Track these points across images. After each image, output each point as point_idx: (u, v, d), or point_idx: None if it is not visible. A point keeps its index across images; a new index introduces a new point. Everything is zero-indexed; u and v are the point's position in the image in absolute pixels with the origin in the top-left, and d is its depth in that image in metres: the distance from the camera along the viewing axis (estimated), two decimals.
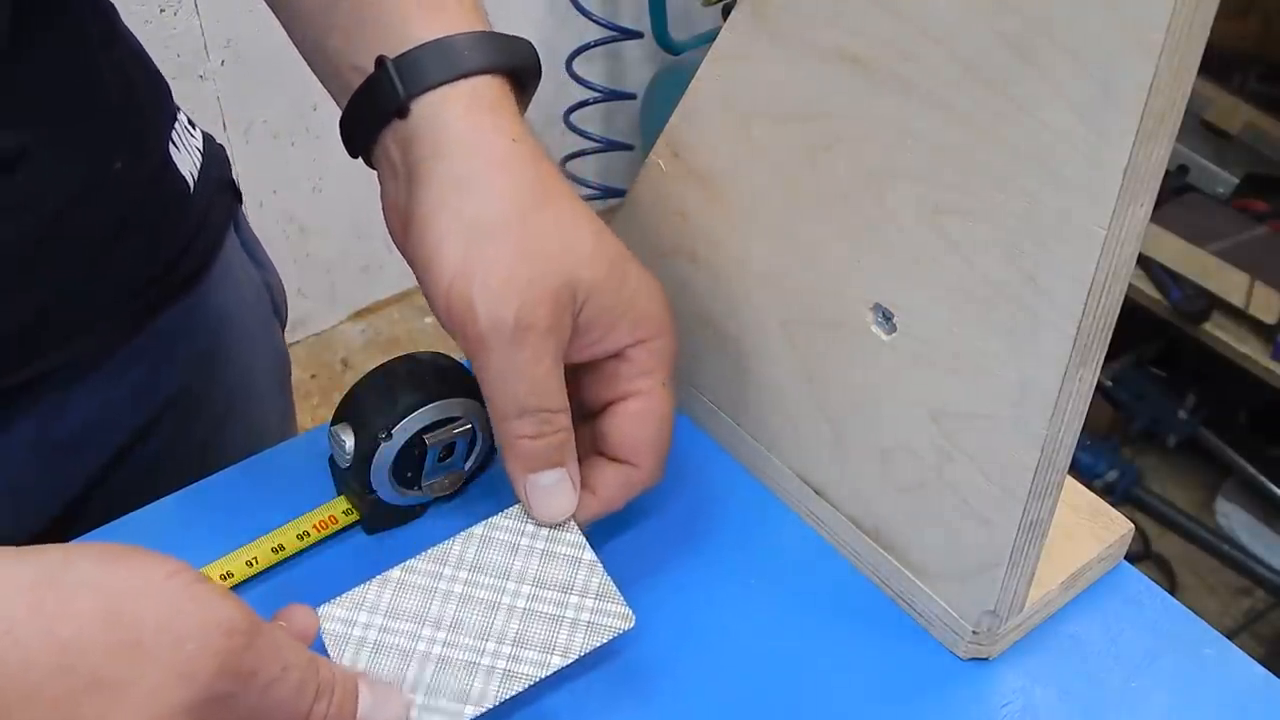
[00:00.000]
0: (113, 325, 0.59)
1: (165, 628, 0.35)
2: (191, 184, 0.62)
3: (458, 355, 0.50)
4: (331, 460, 0.52)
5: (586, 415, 0.50)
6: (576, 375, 0.48)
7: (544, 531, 0.47)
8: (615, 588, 0.46)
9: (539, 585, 0.46)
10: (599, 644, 0.45)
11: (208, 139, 0.65)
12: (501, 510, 0.48)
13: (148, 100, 0.61)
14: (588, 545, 0.47)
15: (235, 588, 0.49)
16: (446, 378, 0.50)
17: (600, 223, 0.47)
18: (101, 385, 0.60)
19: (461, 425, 0.51)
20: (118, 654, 0.34)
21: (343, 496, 0.52)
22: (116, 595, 0.35)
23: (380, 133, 0.47)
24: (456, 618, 0.45)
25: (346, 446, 0.49)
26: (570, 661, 0.44)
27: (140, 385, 0.62)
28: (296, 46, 0.51)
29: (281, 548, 0.50)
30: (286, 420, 0.76)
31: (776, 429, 0.54)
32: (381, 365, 0.51)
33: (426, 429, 0.50)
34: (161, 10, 1.49)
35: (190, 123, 0.64)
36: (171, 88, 0.64)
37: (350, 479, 0.51)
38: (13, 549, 0.35)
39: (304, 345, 1.87)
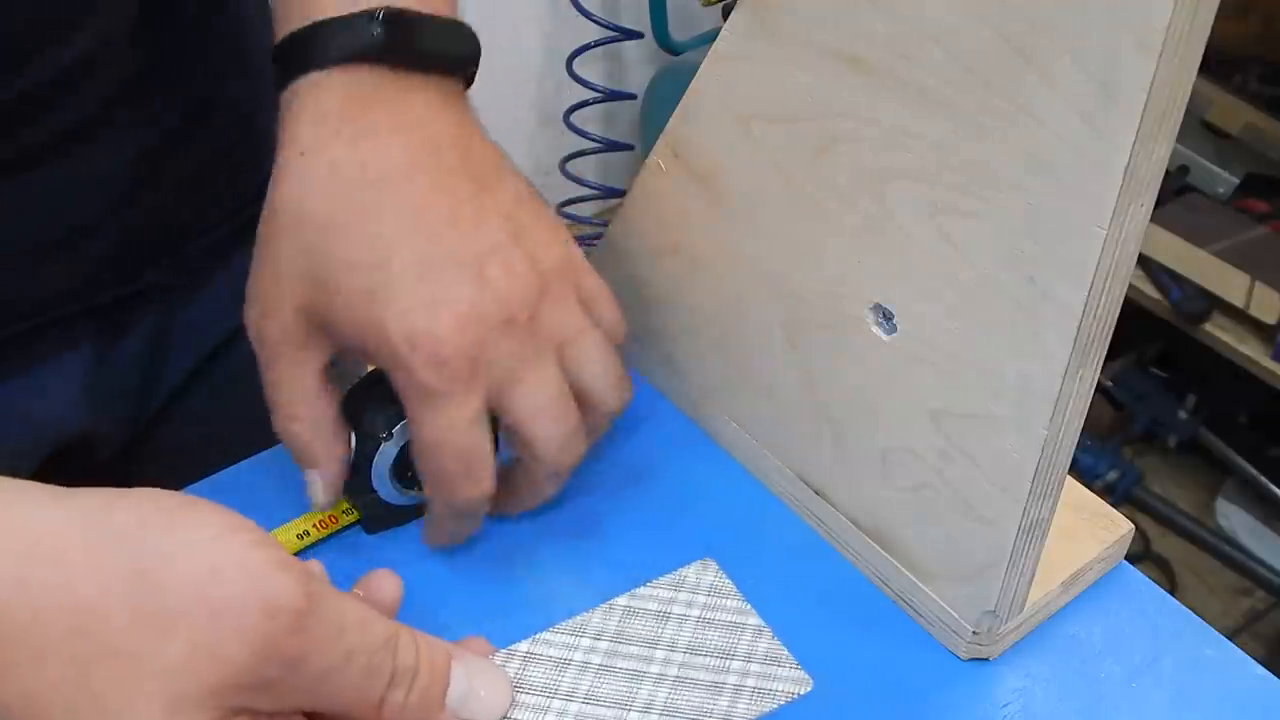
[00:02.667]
0: (223, 235, 0.62)
1: (199, 598, 0.31)
2: None
3: None
4: None
5: None
6: None
7: (700, 598, 0.43)
8: (787, 651, 0.41)
9: (693, 652, 0.41)
10: (769, 710, 0.39)
11: None
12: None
13: (264, 21, 0.63)
14: (753, 611, 0.43)
15: None
16: None
17: None
18: (210, 290, 0.62)
19: None
20: (140, 622, 0.31)
21: (343, 496, 0.52)
22: (150, 554, 0.31)
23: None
24: (592, 690, 0.40)
25: None
26: None
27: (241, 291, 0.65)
28: None
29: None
30: None
31: (776, 429, 0.54)
32: None
33: None
34: None
35: None
36: None
37: (350, 479, 0.50)
38: (52, 489, 0.32)
39: None
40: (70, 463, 0.59)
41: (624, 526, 0.53)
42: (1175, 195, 1.72)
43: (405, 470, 0.51)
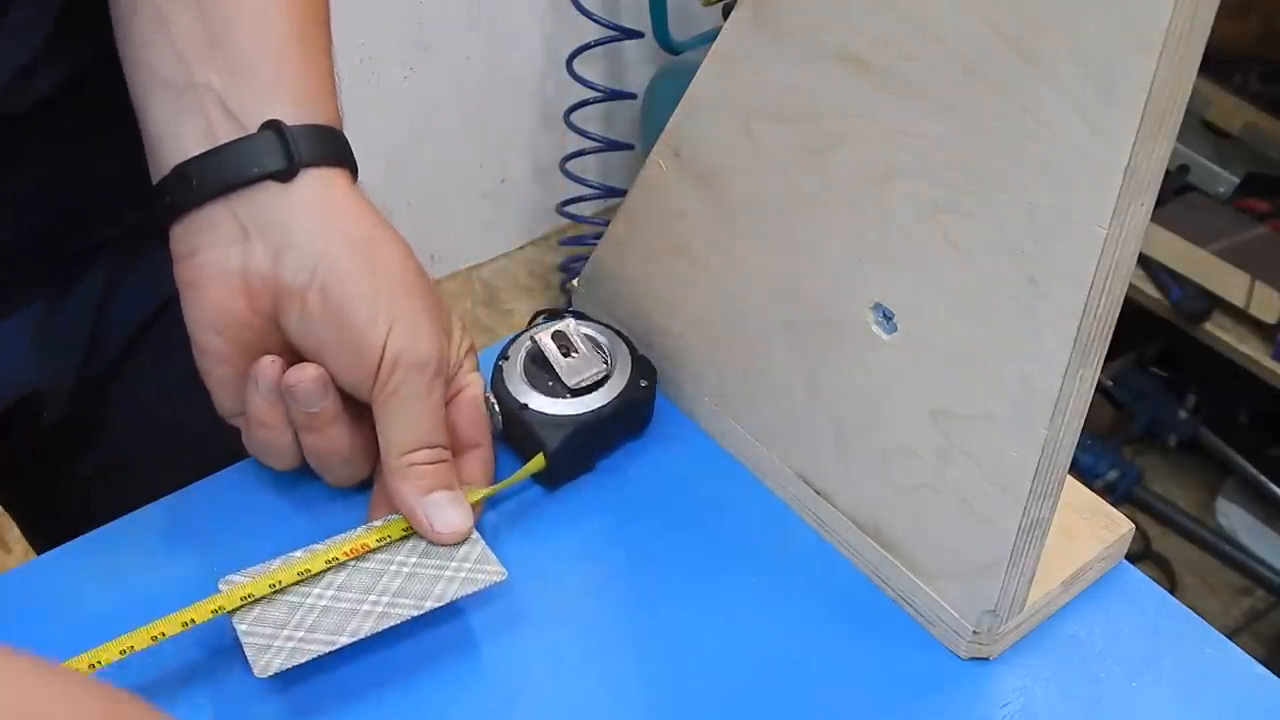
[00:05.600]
0: None
1: None
2: None
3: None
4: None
5: None
6: None
7: (413, 559, 0.49)
8: (492, 553, 0.49)
9: (423, 556, 0.49)
10: (472, 592, 0.47)
11: None
12: None
13: None
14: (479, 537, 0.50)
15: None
16: None
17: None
18: (158, 245, 0.63)
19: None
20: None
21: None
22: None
23: (230, 193, 0.48)
24: (345, 581, 0.47)
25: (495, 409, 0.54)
26: (443, 604, 0.47)
27: None
28: (125, 60, 0.51)
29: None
30: None
31: (777, 429, 0.54)
32: None
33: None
34: None
35: None
36: None
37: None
38: None
39: None
40: (19, 425, 0.60)
41: (624, 526, 0.53)
42: (1175, 195, 1.72)
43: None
